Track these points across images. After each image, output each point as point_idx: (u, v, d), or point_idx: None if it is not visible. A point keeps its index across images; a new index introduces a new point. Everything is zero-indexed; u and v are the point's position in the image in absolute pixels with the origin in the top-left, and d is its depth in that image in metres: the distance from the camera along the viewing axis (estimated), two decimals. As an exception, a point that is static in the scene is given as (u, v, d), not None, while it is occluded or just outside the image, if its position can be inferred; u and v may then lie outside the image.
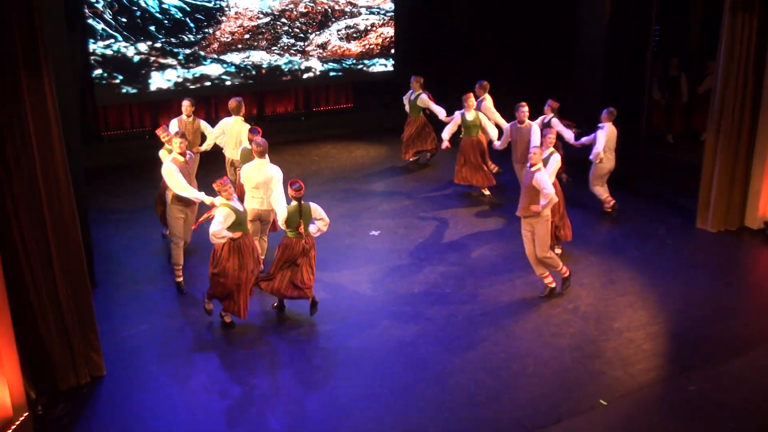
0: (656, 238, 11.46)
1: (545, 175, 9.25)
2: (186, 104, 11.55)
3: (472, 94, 12.83)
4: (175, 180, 9.45)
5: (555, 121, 11.98)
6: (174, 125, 11.30)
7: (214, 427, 7.31)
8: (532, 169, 9.24)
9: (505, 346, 8.63)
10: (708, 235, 11.58)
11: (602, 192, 12.09)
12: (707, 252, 11.15)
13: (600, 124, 11.66)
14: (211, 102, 16.12)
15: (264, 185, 9.59)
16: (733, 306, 9.55)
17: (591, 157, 11.60)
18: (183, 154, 9.67)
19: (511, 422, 7.38)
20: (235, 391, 7.89)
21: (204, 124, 11.76)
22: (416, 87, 13.96)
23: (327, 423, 7.39)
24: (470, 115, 12.66)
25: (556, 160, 9.83)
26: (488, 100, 13.23)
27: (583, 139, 11.92)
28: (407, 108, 14.20)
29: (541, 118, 12.20)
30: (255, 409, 7.60)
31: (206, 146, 11.72)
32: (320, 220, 8.97)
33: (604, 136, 11.52)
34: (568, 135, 11.92)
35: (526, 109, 11.80)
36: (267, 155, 9.72)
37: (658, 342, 8.81)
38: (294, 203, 8.87)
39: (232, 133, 11.45)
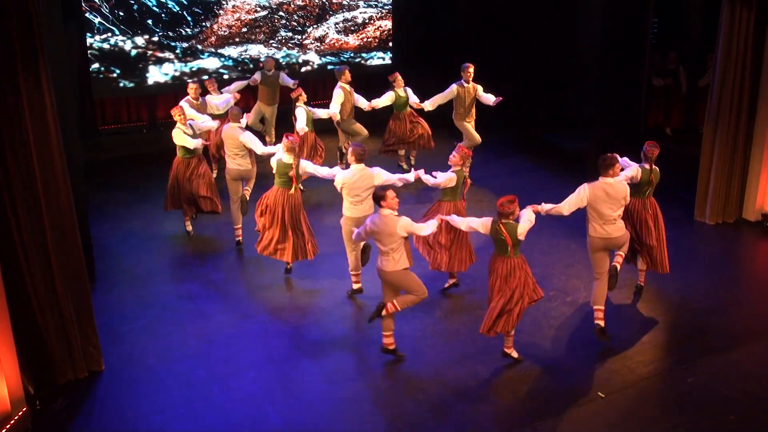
0: (654, 230, 11.47)
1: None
2: (193, 87, 12.52)
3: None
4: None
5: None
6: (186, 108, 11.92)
7: (214, 422, 7.31)
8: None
9: (503, 339, 8.62)
10: (706, 228, 11.59)
11: None
12: (705, 244, 11.16)
13: None
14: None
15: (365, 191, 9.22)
16: (731, 298, 9.56)
17: None
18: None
19: (509, 414, 7.39)
20: (234, 385, 7.89)
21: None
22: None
23: (326, 417, 7.39)
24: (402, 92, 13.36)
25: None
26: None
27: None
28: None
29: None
30: (254, 403, 7.60)
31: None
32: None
33: None
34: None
35: (471, 69, 12.58)
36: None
37: (656, 334, 8.81)
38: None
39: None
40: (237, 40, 15.85)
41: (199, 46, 15.47)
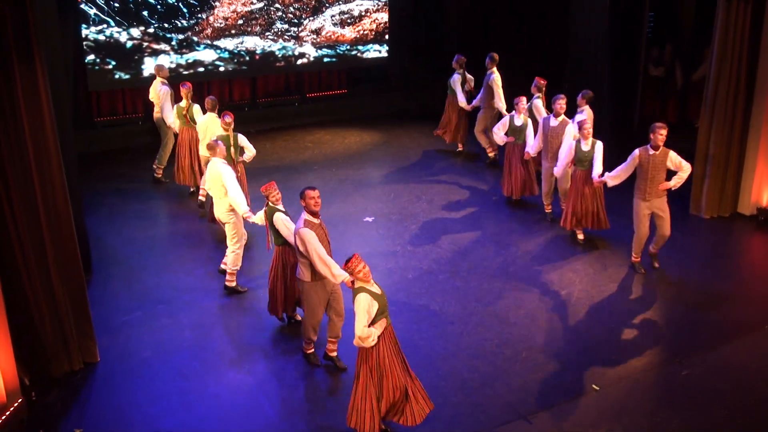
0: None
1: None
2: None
3: (524, 98, 11.93)
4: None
5: (538, 103, 11.91)
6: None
7: (208, 413, 7.33)
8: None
9: (499, 332, 8.66)
10: (701, 222, 11.60)
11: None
12: (700, 238, 11.18)
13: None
14: (204, 88, 16.05)
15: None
16: (726, 292, 9.59)
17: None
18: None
19: (503, 407, 7.41)
20: (229, 377, 7.90)
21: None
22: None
23: (322, 409, 7.42)
24: (519, 120, 11.77)
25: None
26: (539, 100, 12.32)
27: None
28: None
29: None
30: (249, 395, 7.62)
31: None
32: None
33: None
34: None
35: (563, 101, 10.97)
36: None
37: (650, 328, 8.84)
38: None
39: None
40: (233, 32, 15.80)
41: (195, 38, 15.42)
